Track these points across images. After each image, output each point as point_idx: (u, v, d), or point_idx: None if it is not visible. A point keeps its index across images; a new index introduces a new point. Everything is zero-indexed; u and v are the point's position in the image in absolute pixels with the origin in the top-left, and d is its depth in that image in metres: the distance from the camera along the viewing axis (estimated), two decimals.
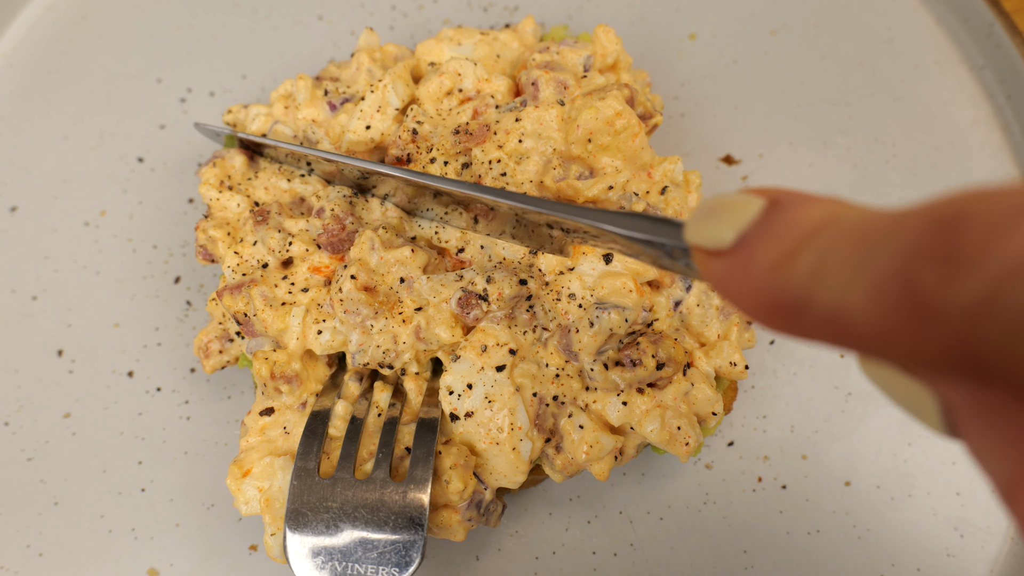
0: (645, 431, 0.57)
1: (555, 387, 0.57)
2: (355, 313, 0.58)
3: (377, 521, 0.53)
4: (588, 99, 0.61)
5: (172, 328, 0.73)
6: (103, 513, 0.67)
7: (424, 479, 0.54)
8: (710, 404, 0.59)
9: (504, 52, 0.69)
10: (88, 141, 0.80)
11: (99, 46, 0.83)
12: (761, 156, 0.78)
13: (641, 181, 0.61)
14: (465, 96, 0.65)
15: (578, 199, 0.59)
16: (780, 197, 0.32)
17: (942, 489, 0.67)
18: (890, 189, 0.77)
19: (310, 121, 0.66)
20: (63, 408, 0.71)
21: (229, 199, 0.65)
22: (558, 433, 0.57)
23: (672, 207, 0.60)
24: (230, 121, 0.70)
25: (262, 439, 0.59)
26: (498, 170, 0.60)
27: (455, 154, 0.61)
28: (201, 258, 0.64)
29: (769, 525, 0.66)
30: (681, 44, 0.82)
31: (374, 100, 0.64)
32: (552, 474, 0.59)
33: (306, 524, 0.53)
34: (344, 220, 0.61)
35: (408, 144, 0.61)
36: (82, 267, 0.75)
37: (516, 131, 0.61)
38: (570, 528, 0.66)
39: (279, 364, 0.58)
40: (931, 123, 0.78)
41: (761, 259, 0.30)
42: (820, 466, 0.68)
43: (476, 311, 0.57)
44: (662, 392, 0.58)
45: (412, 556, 0.52)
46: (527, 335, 0.57)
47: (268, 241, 0.61)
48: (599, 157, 0.61)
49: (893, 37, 0.81)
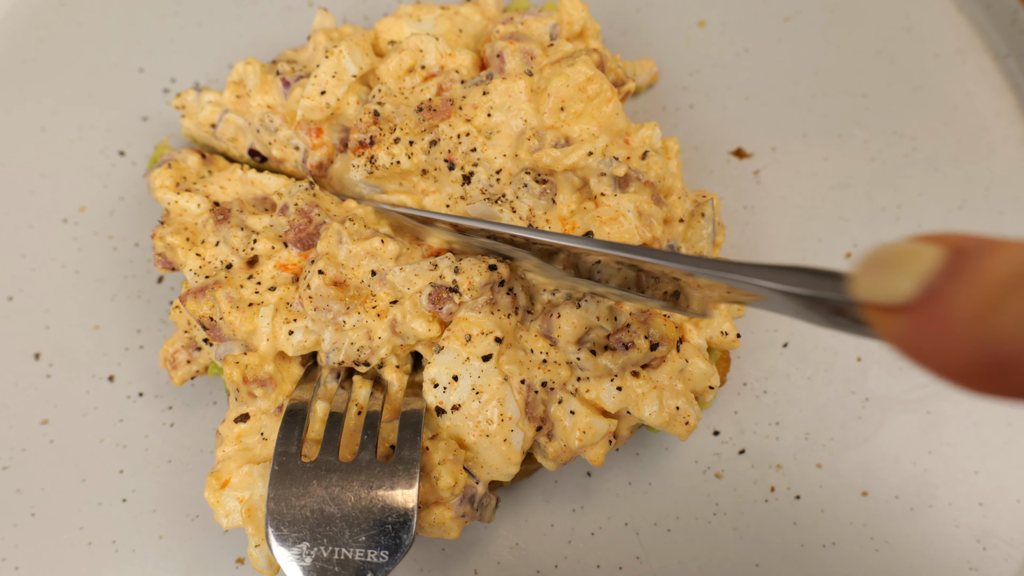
0: (643, 414, 0.58)
1: (543, 373, 0.57)
2: (326, 310, 0.58)
3: (365, 503, 0.53)
4: (557, 67, 0.61)
5: (155, 330, 0.72)
6: (82, 524, 0.67)
7: (413, 460, 0.54)
8: (706, 378, 0.60)
9: (466, 26, 0.69)
10: (67, 134, 0.79)
11: (78, 34, 0.83)
12: (774, 149, 0.78)
13: (619, 147, 0.61)
14: (428, 73, 0.65)
15: (557, 168, 0.59)
16: (962, 243, 0.30)
17: (964, 499, 0.66)
18: (909, 184, 0.76)
19: (265, 108, 0.66)
20: (40, 414, 0.70)
21: (188, 200, 0.65)
22: (549, 420, 0.58)
23: (654, 171, 0.61)
24: (178, 106, 0.70)
25: (239, 447, 0.59)
26: (467, 145, 0.60)
27: (420, 132, 0.61)
28: (160, 267, 0.64)
29: (782, 537, 0.66)
30: (690, 31, 0.82)
31: (329, 66, 0.64)
32: (545, 463, 0.59)
33: (289, 510, 0.53)
34: (310, 212, 0.61)
35: (370, 126, 0.61)
36: (60, 266, 0.75)
37: (484, 105, 0.61)
38: (573, 540, 0.66)
39: (251, 367, 0.58)
40: (952, 115, 0.78)
41: (959, 312, 0.29)
42: (836, 475, 0.67)
43: (449, 305, 0.57)
44: (657, 372, 0.58)
45: (402, 538, 0.52)
46: (511, 318, 0.57)
47: (231, 240, 0.61)
48: (573, 125, 0.61)
49: (912, 24, 0.81)
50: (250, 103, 0.67)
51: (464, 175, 0.60)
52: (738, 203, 0.76)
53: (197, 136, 0.71)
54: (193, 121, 0.69)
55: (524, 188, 0.58)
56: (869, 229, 0.75)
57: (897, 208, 0.76)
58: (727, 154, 0.78)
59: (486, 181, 0.60)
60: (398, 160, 0.60)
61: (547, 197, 0.59)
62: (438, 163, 0.60)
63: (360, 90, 0.66)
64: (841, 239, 0.75)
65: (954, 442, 0.68)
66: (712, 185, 0.77)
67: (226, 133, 0.68)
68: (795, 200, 0.76)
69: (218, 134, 0.69)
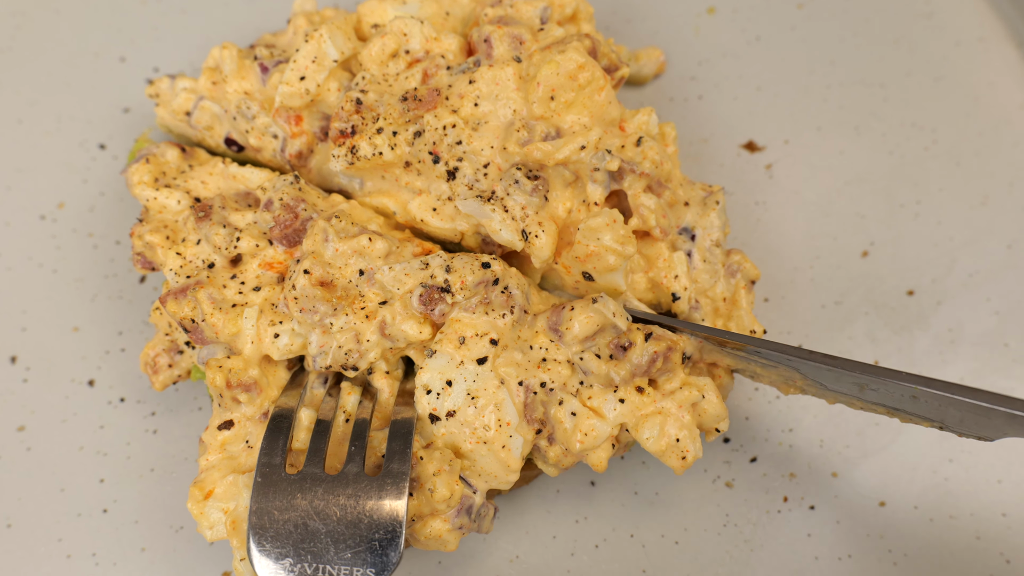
0: (640, 436, 0.57)
1: (542, 372, 0.57)
2: (312, 311, 0.57)
3: (351, 518, 0.53)
4: (547, 53, 0.61)
5: (137, 332, 0.72)
6: (61, 536, 0.66)
7: (402, 473, 0.54)
8: (716, 420, 0.60)
9: (453, 9, 0.69)
10: (44, 126, 0.79)
11: (56, 20, 0.82)
12: (787, 142, 0.78)
13: (613, 136, 0.61)
14: (413, 58, 0.64)
15: (548, 162, 0.59)
16: None
17: (987, 510, 0.66)
18: (929, 178, 0.76)
19: (242, 94, 0.66)
20: (16, 420, 0.70)
21: (168, 197, 0.64)
22: (549, 422, 0.57)
23: (650, 159, 0.60)
24: (152, 94, 0.70)
25: (223, 456, 0.59)
26: (453, 137, 0.60)
27: (404, 123, 0.61)
28: (140, 267, 0.64)
29: (796, 550, 0.65)
30: (698, 19, 0.82)
31: (309, 50, 0.64)
32: (546, 468, 0.59)
33: (272, 524, 0.53)
34: (296, 208, 0.61)
35: (352, 115, 0.61)
36: (38, 265, 0.74)
37: (470, 94, 0.60)
38: (576, 553, 0.65)
39: (235, 371, 0.58)
40: (974, 106, 0.78)
41: None
42: (852, 484, 0.67)
43: (441, 306, 0.57)
44: (665, 398, 0.58)
45: (390, 555, 0.52)
46: (506, 318, 0.57)
47: (213, 238, 0.61)
48: (564, 115, 0.61)
49: (933, 11, 0.81)
50: (226, 89, 0.67)
51: (448, 170, 0.59)
52: (749, 199, 0.76)
53: (172, 126, 0.70)
54: (167, 110, 0.69)
55: (515, 184, 0.58)
56: (887, 226, 0.75)
57: (916, 204, 0.75)
58: (738, 147, 0.78)
59: (472, 176, 0.59)
60: (380, 151, 0.60)
61: (539, 194, 0.58)
62: (422, 155, 0.60)
63: (342, 76, 0.65)
64: (857, 237, 0.74)
65: (976, 450, 0.68)
66: (722, 180, 0.77)
67: (201, 121, 0.68)
68: (809, 196, 0.76)
69: (193, 122, 0.68)
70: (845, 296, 0.73)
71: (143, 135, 0.72)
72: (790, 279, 0.73)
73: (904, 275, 0.73)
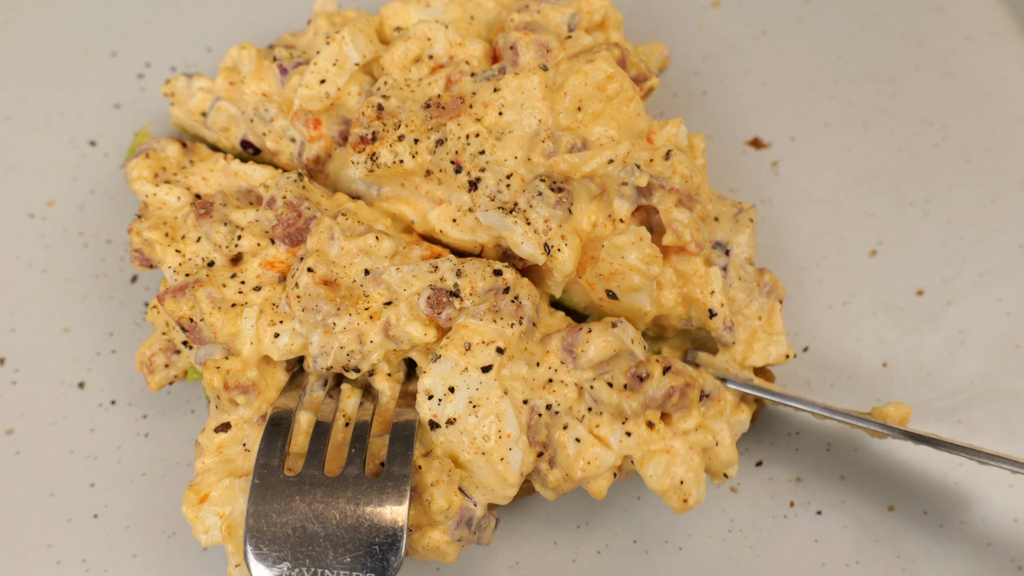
0: (644, 472, 0.58)
1: (548, 394, 0.57)
2: (314, 311, 0.57)
3: (351, 522, 0.52)
4: (574, 62, 0.60)
5: (128, 333, 0.72)
6: (51, 542, 0.66)
7: (403, 476, 0.53)
8: (725, 466, 0.60)
9: (479, 13, 0.68)
10: (34, 122, 0.78)
11: (45, 14, 0.82)
12: (793, 139, 0.77)
13: (642, 149, 0.61)
14: (436, 64, 0.64)
15: (574, 174, 0.59)
16: None
17: (998, 515, 0.66)
18: (939, 176, 0.76)
19: (260, 96, 0.66)
20: (5, 424, 0.70)
21: (168, 193, 0.64)
22: (552, 446, 0.57)
23: (679, 172, 0.60)
24: (167, 93, 0.69)
25: (219, 459, 0.58)
26: (476, 147, 0.59)
27: (426, 131, 0.60)
28: (138, 264, 0.64)
29: (802, 556, 0.65)
30: (703, 12, 0.81)
31: (330, 53, 0.63)
32: (543, 491, 0.59)
33: (269, 528, 0.52)
34: (299, 206, 0.60)
35: (373, 121, 0.61)
36: (27, 264, 0.74)
37: (495, 103, 0.60)
38: (578, 559, 0.65)
39: (233, 373, 0.57)
40: (985, 102, 0.78)
41: None
42: (860, 489, 0.67)
43: (448, 310, 0.56)
44: (676, 437, 0.58)
45: (390, 560, 0.52)
46: (515, 328, 0.57)
47: (213, 236, 0.61)
48: (591, 127, 0.60)
49: (942, 5, 0.81)
50: (244, 91, 0.66)
51: (470, 181, 0.59)
52: (755, 197, 0.76)
53: (187, 126, 0.70)
54: (183, 109, 0.69)
55: (539, 196, 0.57)
56: (895, 225, 0.74)
57: (925, 202, 0.75)
58: (743, 144, 0.77)
59: (494, 187, 0.59)
60: (401, 159, 0.60)
61: (563, 207, 0.58)
62: (444, 164, 0.60)
63: (363, 80, 0.65)
64: (865, 235, 0.74)
65: None
66: (727, 177, 0.77)
67: (217, 122, 0.68)
68: (816, 193, 0.76)
69: (209, 123, 0.68)
70: (853, 296, 0.72)
71: (143, 129, 0.72)
72: (796, 279, 0.73)
73: (913, 275, 0.73)
